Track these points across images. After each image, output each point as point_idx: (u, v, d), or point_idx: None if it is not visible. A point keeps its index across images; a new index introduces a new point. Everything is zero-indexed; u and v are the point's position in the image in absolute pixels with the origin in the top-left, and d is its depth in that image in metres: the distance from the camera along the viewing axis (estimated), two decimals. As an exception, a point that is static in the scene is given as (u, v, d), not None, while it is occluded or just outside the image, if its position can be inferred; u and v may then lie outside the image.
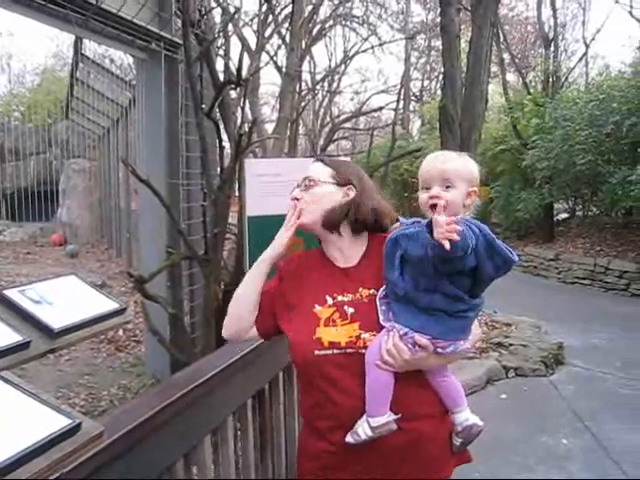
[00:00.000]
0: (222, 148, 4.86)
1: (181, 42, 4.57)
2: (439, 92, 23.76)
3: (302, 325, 1.48)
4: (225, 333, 1.62)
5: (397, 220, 1.54)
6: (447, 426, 1.48)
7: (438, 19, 21.85)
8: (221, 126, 5.10)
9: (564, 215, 14.24)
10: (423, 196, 1.39)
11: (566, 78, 13.74)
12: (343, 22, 19.79)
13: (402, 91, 22.13)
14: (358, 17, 19.35)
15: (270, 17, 13.79)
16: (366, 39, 20.13)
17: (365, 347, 1.39)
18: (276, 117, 12.44)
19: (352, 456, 1.41)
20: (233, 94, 9.02)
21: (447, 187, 1.37)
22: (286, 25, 13.64)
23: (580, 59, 14.45)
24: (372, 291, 1.47)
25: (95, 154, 15.52)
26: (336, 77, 21.44)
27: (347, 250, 1.56)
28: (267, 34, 14.21)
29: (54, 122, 17.96)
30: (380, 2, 19.52)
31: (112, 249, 13.60)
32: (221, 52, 9.30)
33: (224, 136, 4.96)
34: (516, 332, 5.84)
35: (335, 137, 21.02)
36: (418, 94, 25.88)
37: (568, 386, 4.55)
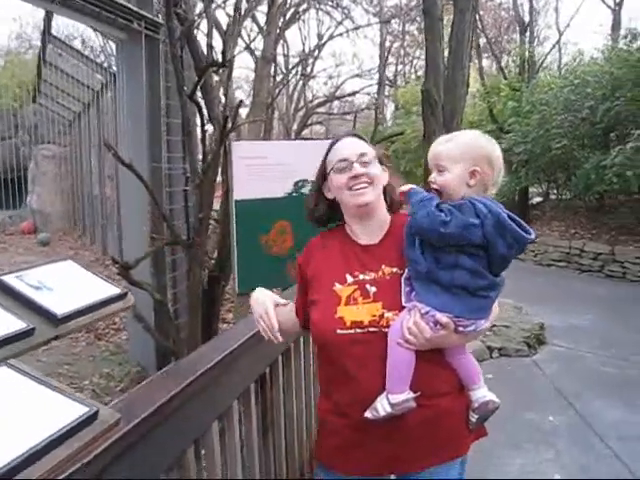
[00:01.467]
0: (204, 131, 4.78)
1: (162, 22, 4.46)
2: (413, 77, 23.93)
3: (323, 304, 1.48)
4: None
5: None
6: (464, 402, 1.49)
7: (412, 3, 21.89)
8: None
9: (538, 199, 14.43)
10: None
11: (541, 63, 13.88)
12: (317, 5, 19.60)
13: (378, 76, 22.09)
14: (332, 0, 19.19)
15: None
16: (340, 22, 20.02)
17: (388, 326, 1.40)
18: (249, 101, 12.30)
19: (371, 432, 1.42)
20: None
21: (440, 171, 1.41)
22: (259, 8, 13.48)
23: (554, 45, 14.64)
24: (395, 269, 1.47)
25: (66, 139, 15.12)
26: (310, 61, 21.28)
27: (371, 227, 1.56)
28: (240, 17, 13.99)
29: (21, 106, 17.39)
30: (354, -15, 19.35)
31: (85, 236, 13.35)
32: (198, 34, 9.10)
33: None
34: (499, 313, 5.90)
35: (309, 122, 20.92)
36: (392, 78, 25.83)
37: (551, 365, 4.62)
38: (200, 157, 4.89)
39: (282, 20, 14.80)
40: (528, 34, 13.34)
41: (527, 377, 4.43)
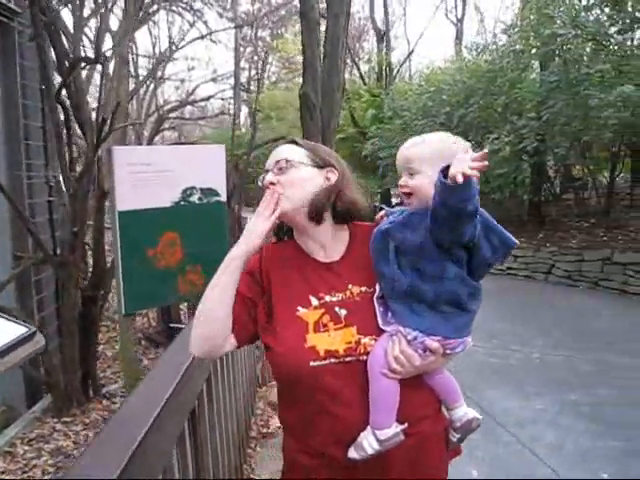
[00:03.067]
0: (70, 136, 4.31)
1: (17, 9, 3.92)
2: (267, 82, 24.13)
3: (288, 332, 1.27)
4: (196, 352, 1.33)
5: (381, 208, 1.40)
6: (443, 423, 1.38)
7: (264, 10, 21.93)
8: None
9: (396, 200, 15.18)
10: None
11: (398, 71, 14.60)
12: (168, 7, 18.96)
13: (233, 81, 21.96)
14: (185, 3, 18.67)
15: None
16: (192, 25, 19.54)
17: (366, 353, 1.24)
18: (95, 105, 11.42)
19: (354, 470, 1.26)
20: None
21: (411, 174, 1.28)
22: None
23: (409, 54, 15.48)
24: (364, 288, 1.31)
25: None
26: (161, 64, 20.54)
27: (329, 243, 1.37)
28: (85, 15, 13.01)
29: None
30: (206, -14, 18.99)
31: None
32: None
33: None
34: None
35: (161, 127, 20.16)
36: (246, 84, 25.86)
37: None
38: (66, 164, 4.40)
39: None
40: (384, 43, 13.98)
41: (424, 375, 4.53)
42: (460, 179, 1.05)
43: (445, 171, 1.11)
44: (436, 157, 1.26)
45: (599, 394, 4.05)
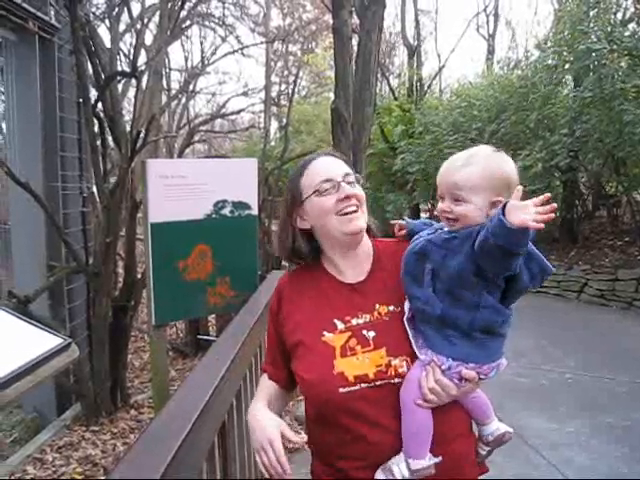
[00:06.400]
0: (106, 148, 4.39)
1: (58, 25, 4.03)
2: (297, 96, 24.35)
3: (314, 360, 1.26)
4: None
5: (402, 219, 1.39)
6: (473, 440, 1.37)
7: (295, 26, 22.19)
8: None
9: (423, 215, 15.07)
10: (438, 206, 1.24)
11: (429, 86, 14.57)
12: (201, 22, 19.38)
13: (264, 94, 22.23)
14: (218, 18, 19.06)
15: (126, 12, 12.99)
16: (224, 39, 19.94)
17: (397, 375, 1.21)
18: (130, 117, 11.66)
19: None
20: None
21: (457, 200, 1.19)
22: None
23: (439, 70, 15.45)
24: (392, 307, 1.29)
25: None
26: (193, 78, 20.95)
27: (357, 260, 1.36)
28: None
29: None
30: (240, 3, 19.38)
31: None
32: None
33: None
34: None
35: (192, 140, 20.48)
36: (276, 98, 26.17)
37: (471, 381, 4.69)
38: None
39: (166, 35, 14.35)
40: (415, 58, 13.98)
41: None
42: (533, 225, 1.00)
43: (503, 208, 1.04)
44: (486, 185, 1.18)
45: (632, 417, 3.93)
